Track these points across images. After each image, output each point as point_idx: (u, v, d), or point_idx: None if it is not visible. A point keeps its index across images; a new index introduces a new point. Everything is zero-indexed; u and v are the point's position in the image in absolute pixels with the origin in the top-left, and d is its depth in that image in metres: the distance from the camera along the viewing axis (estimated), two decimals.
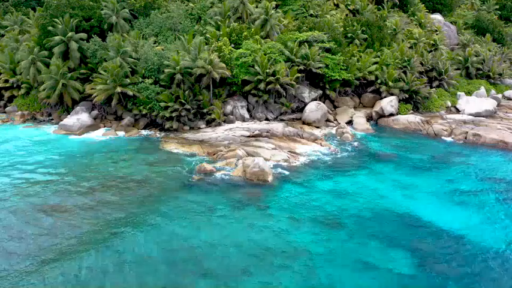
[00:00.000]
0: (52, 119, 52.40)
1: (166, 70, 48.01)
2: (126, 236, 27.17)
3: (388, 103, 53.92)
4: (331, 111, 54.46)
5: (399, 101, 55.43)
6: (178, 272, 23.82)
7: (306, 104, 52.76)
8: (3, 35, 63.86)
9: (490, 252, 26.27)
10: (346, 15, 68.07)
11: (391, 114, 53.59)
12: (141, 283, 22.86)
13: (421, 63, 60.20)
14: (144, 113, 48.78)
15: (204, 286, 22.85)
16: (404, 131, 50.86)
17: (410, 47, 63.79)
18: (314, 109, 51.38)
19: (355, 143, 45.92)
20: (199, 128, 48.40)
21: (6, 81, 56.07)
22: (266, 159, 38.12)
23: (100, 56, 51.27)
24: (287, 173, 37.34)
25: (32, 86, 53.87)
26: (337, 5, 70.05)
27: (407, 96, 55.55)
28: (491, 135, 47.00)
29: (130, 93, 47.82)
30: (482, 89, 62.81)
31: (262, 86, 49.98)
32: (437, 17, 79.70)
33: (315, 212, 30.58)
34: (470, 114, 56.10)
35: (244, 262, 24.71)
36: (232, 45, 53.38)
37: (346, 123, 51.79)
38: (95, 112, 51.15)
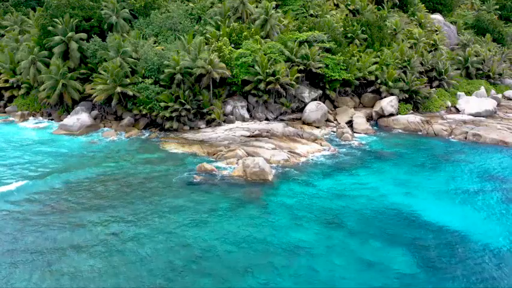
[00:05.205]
0: (52, 119, 52.38)
1: (166, 70, 48.00)
2: (126, 235, 27.17)
3: (388, 103, 53.91)
4: (331, 111, 54.44)
5: (399, 101, 55.40)
6: (178, 270, 23.81)
7: (306, 104, 52.74)
8: (3, 35, 63.88)
9: (491, 250, 26.27)
10: (346, 15, 68.05)
11: (391, 114, 53.57)
12: (141, 282, 22.85)
13: (421, 63, 60.18)
14: (144, 113, 48.74)
15: (205, 285, 22.85)
16: (404, 131, 50.86)
17: (410, 47, 63.78)
18: (314, 109, 51.37)
19: (355, 143, 45.92)
20: (199, 128, 48.40)
21: (6, 81, 56.10)
22: (266, 159, 38.12)
23: (100, 56, 51.26)
24: (287, 172, 37.34)
25: (32, 86, 53.87)
26: (337, 5, 70.10)
27: (407, 96, 55.53)
28: (491, 135, 47.02)
29: (130, 93, 47.81)
30: (482, 89, 62.80)
31: (262, 86, 49.96)
32: (437, 17, 79.68)
33: (315, 211, 30.59)
34: (470, 114, 56.08)
35: (245, 261, 24.72)
36: (232, 45, 53.38)
37: (346, 123, 51.75)
38: (95, 112, 51.15)
